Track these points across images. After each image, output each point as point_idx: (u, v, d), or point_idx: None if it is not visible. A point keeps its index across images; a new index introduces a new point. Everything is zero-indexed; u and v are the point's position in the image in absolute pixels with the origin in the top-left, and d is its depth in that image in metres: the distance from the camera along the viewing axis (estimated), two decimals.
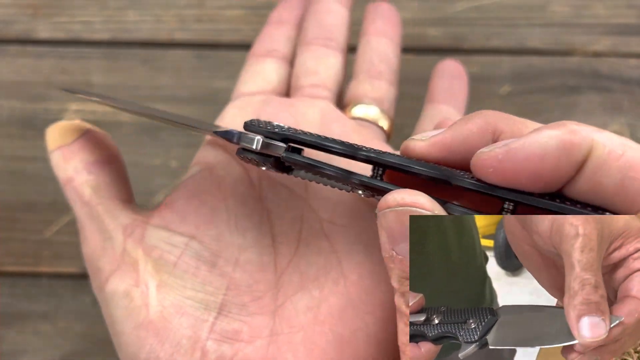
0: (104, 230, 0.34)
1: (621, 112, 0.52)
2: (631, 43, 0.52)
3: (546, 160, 0.24)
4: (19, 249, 0.51)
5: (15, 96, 0.52)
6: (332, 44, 0.39)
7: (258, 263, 0.33)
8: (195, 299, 0.32)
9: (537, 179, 0.25)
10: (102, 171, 0.35)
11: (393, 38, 0.41)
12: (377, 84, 0.39)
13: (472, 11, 0.53)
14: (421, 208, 0.25)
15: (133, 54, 0.52)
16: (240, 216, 0.34)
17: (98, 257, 0.33)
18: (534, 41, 0.52)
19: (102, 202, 0.34)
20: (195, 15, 0.53)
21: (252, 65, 0.40)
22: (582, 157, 0.24)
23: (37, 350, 0.51)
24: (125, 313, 0.32)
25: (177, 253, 0.33)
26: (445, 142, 0.28)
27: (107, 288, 0.33)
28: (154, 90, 0.52)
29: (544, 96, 0.52)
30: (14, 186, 0.51)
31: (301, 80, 0.38)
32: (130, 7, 0.52)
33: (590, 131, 0.25)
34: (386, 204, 0.26)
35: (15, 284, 0.51)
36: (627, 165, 0.24)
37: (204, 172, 0.35)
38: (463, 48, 0.52)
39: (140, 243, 0.33)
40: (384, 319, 0.32)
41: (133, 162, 0.52)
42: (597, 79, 0.52)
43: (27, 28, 0.53)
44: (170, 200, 0.34)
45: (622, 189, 0.24)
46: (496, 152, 0.25)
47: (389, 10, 0.42)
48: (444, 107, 0.41)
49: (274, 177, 0.34)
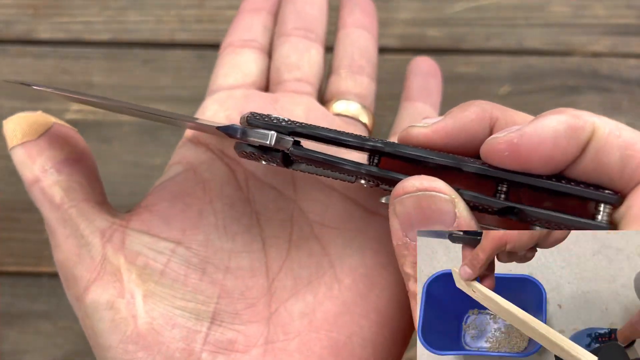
0: (79, 236, 0.31)
1: (620, 112, 0.52)
2: (630, 43, 0.52)
3: (558, 142, 0.26)
4: (19, 249, 0.51)
5: (16, 96, 0.52)
6: (312, 35, 0.38)
7: (249, 268, 0.32)
8: (186, 309, 0.31)
9: (549, 161, 0.26)
10: (73, 170, 0.32)
11: (371, 30, 0.40)
12: (359, 80, 0.38)
13: (472, 11, 0.53)
14: (441, 192, 0.26)
15: (134, 54, 0.52)
16: (228, 219, 0.33)
17: (73, 264, 0.31)
18: (533, 41, 0.52)
19: (75, 205, 0.31)
20: (195, 16, 0.53)
21: (230, 55, 0.38)
22: (586, 139, 0.26)
23: (38, 350, 0.51)
24: (111, 326, 0.30)
25: (163, 260, 0.31)
26: (447, 129, 0.28)
27: (88, 299, 0.31)
28: (154, 91, 0.52)
29: (544, 96, 0.52)
30: (15, 186, 0.51)
31: (284, 74, 0.37)
32: (131, 8, 0.53)
33: (590, 115, 0.26)
34: (404, 189, 0.27)
35: (16, 283, 0.51)
36: (625, 145, 0.26)
37: (187, 173, 0.33)
38: (462, 48, 0.53)
39: (121, 249, 0.31)
40: (379, 322, 0.32)
41: (133, 162, 0.52)
42: (596, 79, 0.52)
43: (27, 28, 0.53)
44: (150, 202, 0.33)
45: (622, 166, 0.26)
46: (511, 137, 0.26)
47: (365, 1, 0.41)
48: (420, 104, 0.41)
49: (261, 177, 0.33)
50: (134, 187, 0.51)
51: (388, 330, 0.32)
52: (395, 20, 0.52)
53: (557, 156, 0.26)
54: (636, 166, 0.26)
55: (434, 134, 0.28)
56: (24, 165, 0.31)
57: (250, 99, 0.36)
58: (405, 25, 0.53)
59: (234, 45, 0.38)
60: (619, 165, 0.26)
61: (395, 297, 0.32)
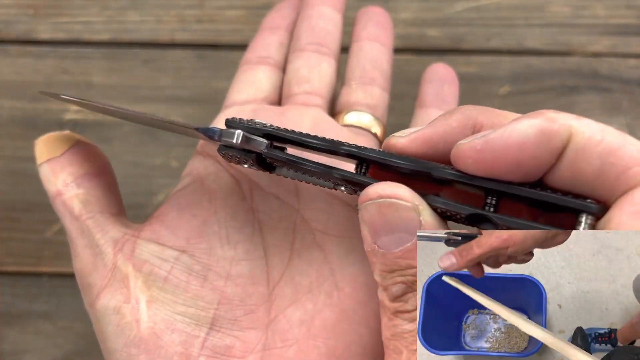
0: (94, 245, 0.33)
1: (620, 112, 0.52)
2: (630, 43, 0.52)
3: (525, 148, 0.24)
4: (19, 249, 0.51)
5: (16, 96, 0.52)
6: (324, 49, 0.39)
7: (250, 276, 0.33)
8: (186, 314, 0.32)
9: (517, 168, 0.25)
10: (92, 184, 0.34)
11: (385, 43, 0.40)
12: (369, 91, 0.38)
13: (472, 12, 0.53)
14: (401, 199, 0.26)
15: (134, 54, 0.52)
16: (231, 229, 0.34)
17: (89, 272, 0.33)
18: (533, 41, 0.52)
19: (92, 217, 0.33)
20: (195, 16, 0.53)
21: (245, 72, 0.39)
22: (561, 144, 0.24)
23: (38, 350, 0.51)
24: (117, 330, 0.32)
25: (167, 267, 0.32)
26: (425, 138, 0.28)
27: (98, 304, 0.32)
28: (154, 91, 0.52)
29: (543, 96, 0.52)
30: (15, 186, 0.51)
31: (293, 88, 0.38)
32: (131, 8, 0.53)
33: (568, 118, 0.25)
34: (367, 196, 0.26)
35: (16, 283, 0.51)
36: (606, 151, 0.24)
37: (195, 184, 0.35)
38: (462, 48, 0.53)
39: (130, 258, 0.32)
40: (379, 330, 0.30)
41: (134, 162, 0.52)
42: (596, 79, 0.52)
43: (28, 28, 0.53)
44: (161, 213, 0.34)
45: (602, 175, 0.24)
46: (475, 143, 0.25)
47: (381, 15, 0.41)
48: (434, 111, 0.40)
49: (264, 188, 0.34)
50: (134, 187, 0.51)
51: None
52: (395, 20, 0.52)
53: (525, 162, 0.25)
54: (618, 175, 0.24)
55: (411, 143, 0.28)
56: (48, 181, 0.33)
57: (259, 113, 0.36)
58: (406, 25, 0.53)
59: (250, 62, 0.39)
60: (599, 174, 0.24)
61: None
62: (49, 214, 0.51)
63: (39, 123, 0.52)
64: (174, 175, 0.52)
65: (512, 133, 0.25)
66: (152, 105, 0.52)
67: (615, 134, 0.25)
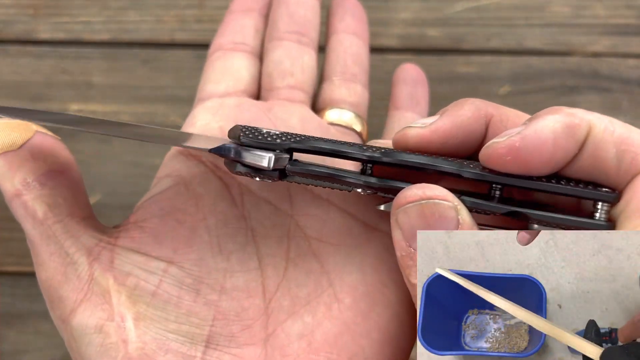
0: (63, 254, 0.29)
1: (620, 112, 0.52)
2: (630, 43, 0.52)
3: (558, 142, 0.26)
4: (19, 249, 0.51)
5: (16, 96, 0.52)
6: (305, 39, 0.37)
7: (245, 289, 0.31)
8: (179, 332, 0.29)
9: (550, 162, 0.27)
10: (57, 183, 0.30)
11: (362, 37, 0.39)
12: (352, 88, 0.37)
13: (472, 11, 0.53)
14: (444, 200, 0.26)
15: (133, 54, 0.52)
16: (222, 237, 0.31)
17: (58, 284, 0.29)
18: (533, 41, 0.52)
19: (60, 221, 0.29)
20: (195, 16, 0.53)
21: (220, 60, 0.36)
22: (583, 136, 0.27)
23: (37, 350, 0.51)
24: (100, 350, 0.29)
25: (155, 281, 0.30)
26: (445, 128, 0.28)
27: (74, 321, 0.29)
28: (154, 91, 0.52)
29: (544, 96, 0.52)
30: None
31: (276, 81, 0.36)
32: (131, 8, 0.53)
33: (584, 112, 0.27)
34: (406, 199, 0.27)
35: (16, 283, 0.51)
36: (619, 140, 0.27)
37: (178, 187, 0.32)
38: (462, 48, 0.53)
39: (109, 269, 0.29)
40: (381, 341, 0.31)
41: (134, 162, 0.52)
42: (596, 79, 0.52)
43: (27, 28, 0.53)
44: (139, 218, 0.31)
45: (618, 161, 0.27)
46: (512, 140, 0.26)
47: (356, 6, 0.40)
48: (409, 114, 0.40)
49: (256, 192, 0.32)
50: (134, 187, 0.51)
51: (390, 349, 0.31)
52: (395, 20, 0.52)
53: (558, 156, 0.26)
54: (631, 160, 0.26)
55: (432, 134, 0.28)
56: (4, 177, 0.29)
57: (244, 108, 0.35)
58: (406, 25, 0.53)
59: (224, 48, 0.37)
60: (615, 160, 0.27)
61: (397, 315, 0.32)
62: None
63: None
64: None
65: (544, 129, 0.26)
66: (151, 105, 0.52)
67: (622, 125, 0.27)
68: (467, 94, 0.52)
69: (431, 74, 0.52)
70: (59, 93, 0.52)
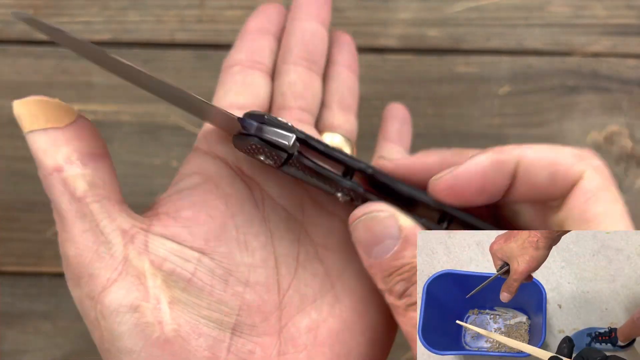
0: (98, 232, 0.30)
1: (620, 112, 0.52)
2: (630, 43, 0.52)
3: (487, 177, 0.31)
4: (20, 249, 0.51)
5: (16, 96, 0.52)
6: (315, 67, 0.39)
7: (265, 283, 0.33)
8: (210, 318, 0.31)
9: (482, 193, 0.32)
10: (98, 166, 0.31)
11: (355, 71, 0.43)
12: (348, 116, 0.41)
13: (472, 12, 0.53)
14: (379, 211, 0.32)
15: (134, 54, 0.52)
16: (248, 235, 0.33)
17: (89, 261, 0.30)
18: (533, 41, 0.53)
19: (98, 201, 0.30)
20: (195, 16, 0.53)
21: (239, 74, 0.38)
22: (512, 167, 0.31)
23: (38, 350, 0.51)
24: (134, 329, 0.30)
25: (190, 268, 0.31)
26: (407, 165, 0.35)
27: (107, 299, 0.30)
28: None
29: (543, 96, 0.52)
30: (15, 186, 0.52)
31: (290, 100, 0.38)
32: (131, 8, 0.53)
33: (514, 147, 0.32)
34: (354, 216, 0.32)
35: (16, 283, 0.52)
36: (550, 162, 0.31)
37: (208, 185, 0.34)
38: (462, 48, 0.53)
39: (145, 253, 0.31)
40: (373, 339, 0.34)
41: (134, 162, 0.52)
42: (596, 79, 0.52)
43: (28, 28, 0.53)
44: (171, 209, 0.33)
45: (552, 181, 0.31)
46: (446, 179, 0.32)
47: (351, 44, 0.43)
48: (396, 147, 0.44)
49: (275, 198, 0.35)
50: (134, 187, 0.51)
51: (379, 347, 0.35)
52: (395, 20, 0.53)
53: (489, 189, 0.32)
54: (563, 177, 0.31)
55: (396, 168, 0.35)
56: (45, 152, 0.30)
57: None
58: (406, 25, 0.53)
59: (244, 64, 0.39)
60: (549, 182, 0.31)
61: (386, 317, 0.35)
62: (49, 214, 0.51)
63: None
64: (174, 175, 0.52)
65: (473, 165, 0.32)
66: (152, 104, 0.52)
67: (550, 149, 0.31)
68: (467, 94, 0.52)
69: (431, 74, 0.53)
70: (59, 93, 0.52)
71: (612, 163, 0.52)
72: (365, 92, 0.53)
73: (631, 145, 0.52)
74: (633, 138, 0.52)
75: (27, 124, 0.30)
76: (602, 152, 0.52)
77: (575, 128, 0.52)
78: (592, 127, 0.52)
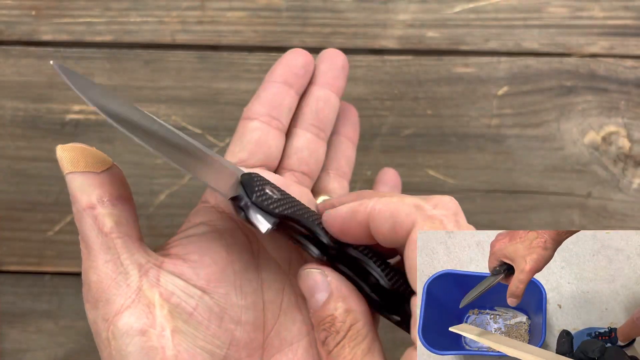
0: (119, 264, 0.35)
1: (618, 112, 0.52)
2: (628, 44, 0.53)
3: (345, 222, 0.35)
4: (22, 249, 0.52)
5: (19, 97, 0.52)
6: (322, 135, 0.43)
7: (253, 324, 0.37)
8: (205, 349, 0.35)
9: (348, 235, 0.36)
10: (124, 208, 0.36)
11: (355, 142, 0.47)
12: (342, 182, 0.45)
13: (470, 13, 0.53)
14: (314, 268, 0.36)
15: (135, 55, 0.53)
16: (244, 280, 0.38)
17: (108, 287, 0.35)
18: (531, 43, 0.53)
19: (121, 237, 0.35)
20: (197, 17, 0.53)
21: (257, 131, 0.41)
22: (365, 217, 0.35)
23: (39, 349, 0.52)
24: (141, 351, 0.34)
25: (193, 304, 0.36)
26: None
27: (120, 323, 0.34)
28: (156, 91, 0.52)
29: (541, 97, 0.52)
30: (17, 186, 0.52)
31: (294, 164, 0.42)
32: (133, 9, 0.53)
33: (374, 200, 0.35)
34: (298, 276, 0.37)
35: (18, 282, 0.52)
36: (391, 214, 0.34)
37: (214, 234, 0.38)
38: (461, 49, 0.53)
39: (156, 286, 0.35)
40: None
41: (135, 162, 0.52)
42: (593, 80, 0.53)
43: (30, 29, 0.53)
44: (181, 252, 0.37)
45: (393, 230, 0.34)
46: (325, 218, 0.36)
47: (356, 117, 0.46)
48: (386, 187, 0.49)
49: (268, 251, 0.39)
50: (134, 187, 0.50)
51: None
52: (394, 21, 0.53)
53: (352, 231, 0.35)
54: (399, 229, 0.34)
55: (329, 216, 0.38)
56: (81, 192, 0.35)
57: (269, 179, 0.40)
58: (405, 26, 0.53)
59: (262, 120, 0.41)
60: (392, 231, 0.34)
61: None
62: (51, 214, 0.52)
63: (41, 123, 0.52)
64: (175, 175, 0.52)
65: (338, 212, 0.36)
66: (153, 105, 0.52)
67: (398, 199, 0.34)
68: (466, 95, 0.52)
69: (430, 75, 0.53)
70: (61, 94, 0.52)
71: (609, 163, 0.52)
72: (365, 92, 0.53)
73: (629, 145, 0.52)
74: (630, 138, 0.52)
75: (68, 166, 0.35)
76: (600, 152, 0.52)
77: (573, 128, 0.52)
78: (590, 127, 0.52)
